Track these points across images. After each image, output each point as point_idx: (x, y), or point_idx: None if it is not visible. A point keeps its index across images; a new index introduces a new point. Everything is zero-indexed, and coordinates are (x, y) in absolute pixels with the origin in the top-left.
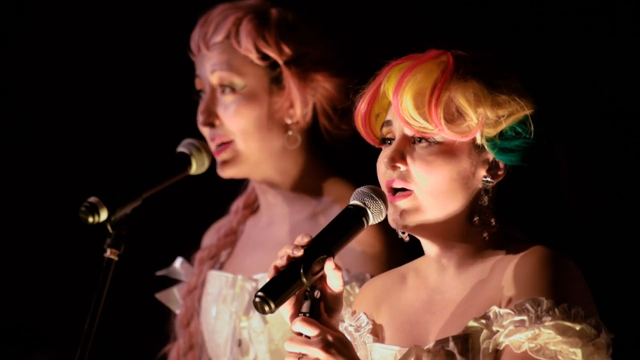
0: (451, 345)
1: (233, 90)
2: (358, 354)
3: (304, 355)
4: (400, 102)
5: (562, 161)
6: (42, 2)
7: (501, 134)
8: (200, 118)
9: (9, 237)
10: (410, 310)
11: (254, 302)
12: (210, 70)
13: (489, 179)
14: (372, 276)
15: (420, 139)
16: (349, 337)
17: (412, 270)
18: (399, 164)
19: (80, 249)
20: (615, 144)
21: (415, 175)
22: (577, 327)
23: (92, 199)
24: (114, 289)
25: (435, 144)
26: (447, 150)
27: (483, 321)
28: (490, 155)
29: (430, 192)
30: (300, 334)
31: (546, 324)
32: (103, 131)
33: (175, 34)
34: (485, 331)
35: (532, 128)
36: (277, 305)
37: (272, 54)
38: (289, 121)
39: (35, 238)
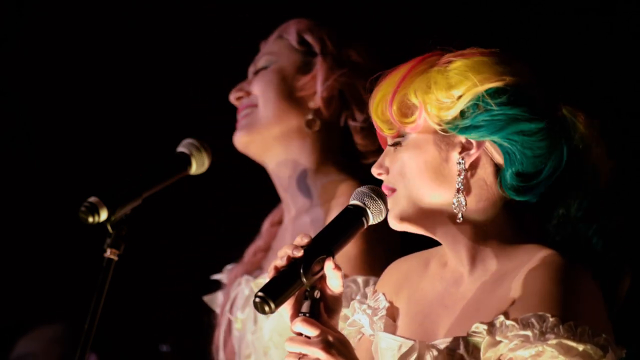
0: (453, 345)
1: (265, 68)
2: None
3: (304, 355)
4: (374, 110)
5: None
6: (42, 2)
7: (463, 113)
8: (232, 94)
9: (9, 237)
10: (425, 301)
11: (254, 302)
12: (259, 59)
13: (460, 160)
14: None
15: (396, 144)
16: (367, 319)
17: (436, 255)
18: (381, 171)
19: (80, 249)
20: (614, 143)
21: (393, 177)
22: (581, 348)
23: (92, 199)
24: (114, 289)
25: (404, 144)
26: (412, 145)
27: (487, 327)
28: (462, 137)
29: (408, 188)
30: (300, 334)
31: (549, 342)
32: (103, 131)
33: (175, 34)
34: (488, 338)
35: (492, 100)
36: (277, 306)
37: (311, 41)
38: (311, 104)
39: (36, 238)
